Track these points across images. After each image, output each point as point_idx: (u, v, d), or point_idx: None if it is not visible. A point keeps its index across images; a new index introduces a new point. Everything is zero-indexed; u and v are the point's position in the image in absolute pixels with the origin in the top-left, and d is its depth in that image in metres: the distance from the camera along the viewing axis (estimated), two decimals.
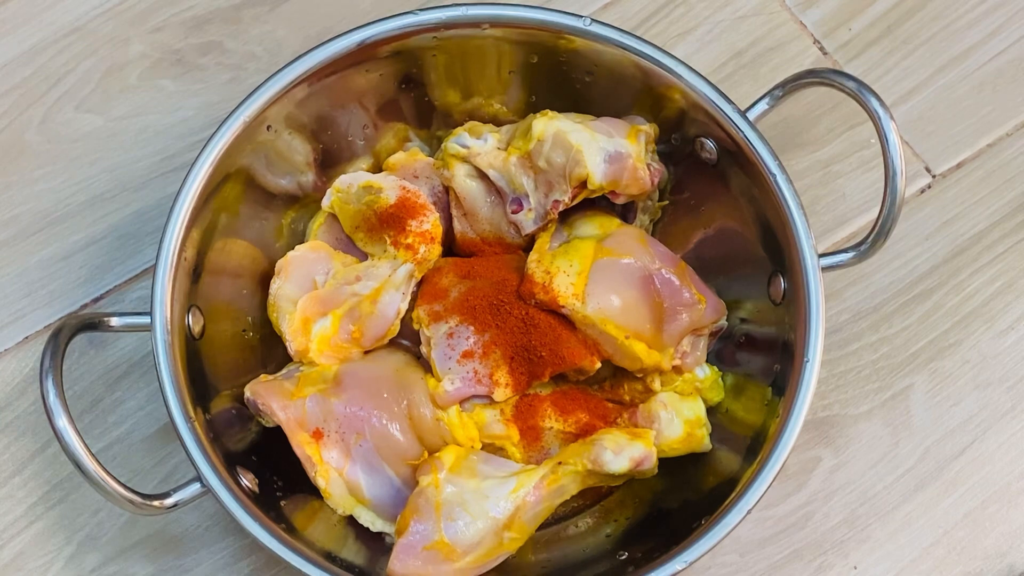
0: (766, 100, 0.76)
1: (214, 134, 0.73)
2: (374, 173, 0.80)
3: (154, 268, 0.70)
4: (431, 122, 0.82)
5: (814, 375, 0.70)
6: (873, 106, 0.72)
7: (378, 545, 0.74)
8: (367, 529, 0.74)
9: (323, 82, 0.75)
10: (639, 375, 0.76)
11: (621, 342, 0.73)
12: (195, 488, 0.68)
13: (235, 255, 0.77)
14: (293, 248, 0.78)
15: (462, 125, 0.79)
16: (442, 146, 0.78)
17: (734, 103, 0.75)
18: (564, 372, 0.74)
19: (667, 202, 0.81)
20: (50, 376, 0.66)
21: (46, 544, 0.78)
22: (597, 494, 0.77)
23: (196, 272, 0.73)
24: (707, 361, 0.78)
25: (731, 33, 0.90)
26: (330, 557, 0.69)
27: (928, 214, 0.86)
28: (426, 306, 0.75)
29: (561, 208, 0.75)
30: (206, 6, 0.90)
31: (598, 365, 0.74)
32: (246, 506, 0.68)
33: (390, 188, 0.77)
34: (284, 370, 0.76)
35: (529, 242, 0.78)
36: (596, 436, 0.73)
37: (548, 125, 0.75)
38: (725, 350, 0.79)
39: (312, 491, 0.74)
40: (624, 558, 0.72)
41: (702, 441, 0.76)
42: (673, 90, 0.76)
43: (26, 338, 0.82)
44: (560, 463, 0.71)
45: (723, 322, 0.78)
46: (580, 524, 0.77)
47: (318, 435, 0.72)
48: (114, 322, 0.71)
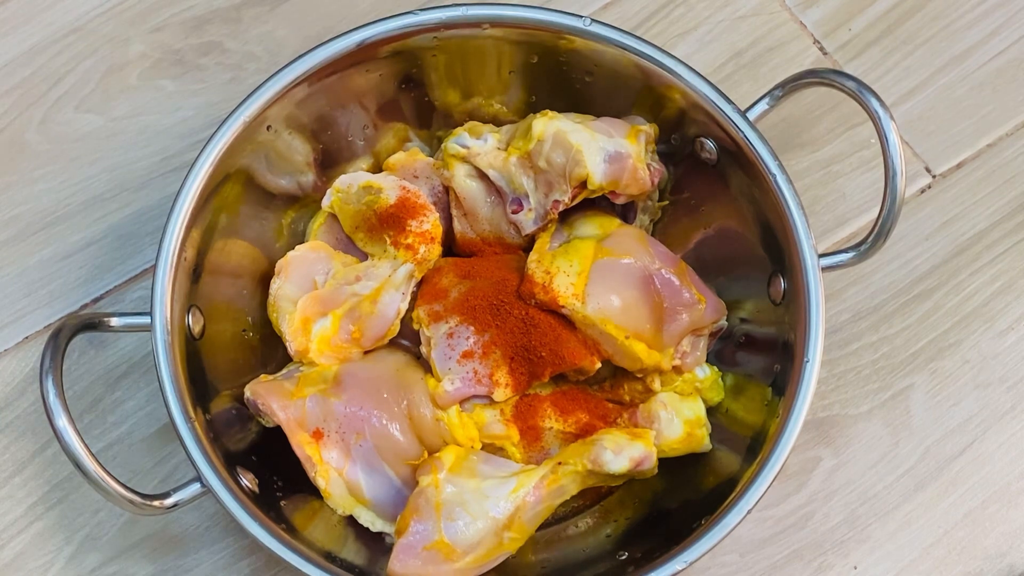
0: (766, 100, 0.76)
1: (214, 134, 0.73)
2: (374, 173, 0.80)
3: (154, 268, 0.70)
4: (431, 122, 0.82)
5: (814, 375, 0.70)
6: (873, 106, 0.72)
7: (378, 545, 0.74)
8: (367, 529, 0.74)
9: (323, 82, 0.75)
10: (639, 375, 0.76)
11: (621, 342, 0.73)
12: (195, 488, 0.68)
13: (235, 255, 0.77)
14: (293, 248, 0.78)
15: (462, 125, 0.79)
16: (442, 146, 0.78)
17: (734, 103, 0.75)
18: (564, 372, 0.74)
19: (667, 202, 0.81)
20: (50, 376, 0.66)
21: (46, 544, 0.78)
22: (597, 494, 0.77)
23: (196, 272, 0.73)
24: (707, 361, 0.78)
25: (731, 33, 0.90)
26: (330, 557, 0.69)
27: (928, 214, 0.86)
28: (426, 306, 0.75)
29: (561, 208, 0.75)
30: (206, 6, 0.90)
31: (598, 365, 0.74)
32: (246, 506, 0.68)
33: (390, 188, 0.77)
34: (284, 370, 0.76)
35: (529, 242, 0.78)
36: (596, 436, 0.73)
37: (548, 125, 0.75)
38: (725, 350, 0.79)
39: (312, 491, 0.74)
40: (624, 558, 0.72)
41: (702, 441, 0.76)
42: (673, 90, 0.76)
43: (26, 338, 0.82)
44: (560, 463, 0.71)
45: (723, 322, 0.78)
46: (580, 524, 0.77)
47: (318, 435, 0.72)
48: (114, 322, 0.71)
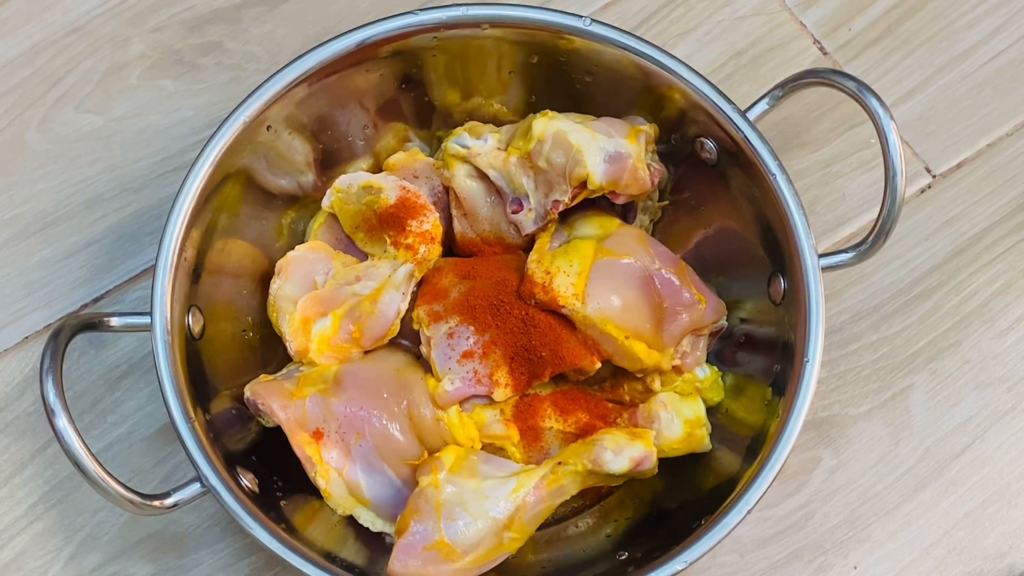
0: (766, 100, 0.76)
1: (214, 134, 0.73)
2: (374, 173, 0.80)
3: (154, 268, 0.70)
4: (431, 122, 0.82)
5: (814, 375, 0.70)
6: (873, 106, 0.72)
7: (378, 545, 0.74)
8: (367, 529, 0.74)
9: (323, 82, 0.75)
10: (639, 375, 0.76)
11: (621, 342, 0.73)
12: (195, 488, 0.68)
13: (235, 255, 0.77)
14: (293, 248, 0.78)
15: (462, 125, 0.79)
16: (442, 146, 0.78)
17: (734, 103, 0.74)
18: (564, 372, 0.74)
19: (667, 202, 0.81)
20: (50, 376, 0.66)
21: (46, 544, 0.78)
22: (597, 494, 0.77)
23: (196, 272, 0.73)
24: (707, 361, 0.78)
25: (731, 33, 0.90)
26: (330, 557, 0.69)
27: (928, 214, 0.86)
28: (426, 306, 0.75)
29: (561, 208, 0.75)
30: (206, 6, 0.90)
31: (598, 365, 0.74)
32: (246, 506, 0.68)
33: (390, 188, 0.77)
34: (284, 370, 0.76)
35: (529, 242, 0.78)
36: (596, 436, 0.73)
37: (548, 125, 0.75)
38: (725, 350, 0.79)
39: (312, 491, 0.74)
40: (624, 558, 0.72)
41: (702, 441, 0.76)
42: (673, 90, 0.76)
43: (26, 338, 0.82)
44: (560, 463, 0.71)
45: (723, 322, 0.78)
46: (580, 524, 0.77)
47: (318, 435, 0.72)
48: (114, 322, 0.71)
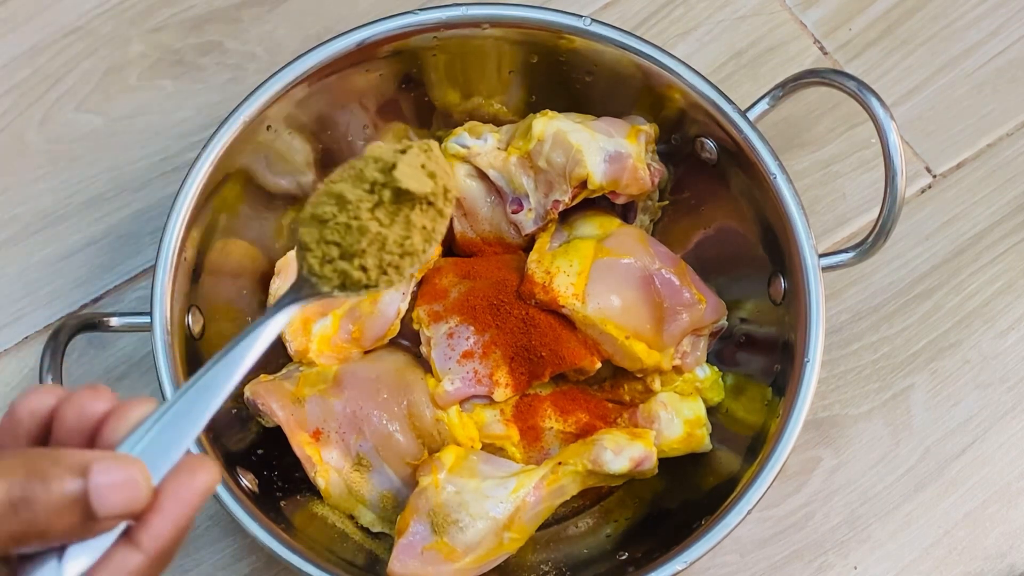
0: (766, 100, 0.76)
1: (214, 134, 0.73)
2: None
3: (154, 268, 0.70)
4: (431, 122, 0.82)
5: (814, 375, 0.70)
6: (873, 106, 0.72)
7: (378, 545, 0.74)
8: (367, 529, 0.74)
9: (323, 82, 0.75)
10: (639, 375, 0.76)
11: (621, 342, 0.73)
12: None
13: (235, 255, 0.77)
14: (293, 248, 0.78)
15: (462, 125, 0.79)
16: (442, 146, 0.78)
17: (734, 103, 0.74)
18: (564, 372, 0.74)
19: (667, 202, 0.81)
20: (50, 376, 0.66)
21: None
22: (597, 494, 0.77)
23: (196, 272, 0.73)
24: (707, 361, 0.78)
25: (731, 33, 0.90)
26: (330, 557, 0.69)
27: (928, 214, 0.86)
28: (426, 306, 0.75)
29: (561, 208, 0.75)
30: (206, 6, 0.90)
31: (598, 365, 0.74)
32: (246, 506, 0.68)
33: None
34: (284, 370, 0.76)
35: (529, 242, 0.78)
36: (596, 436, 0.73)
37: (548, 125, 0.75)
38: (725, 350, 0.79)
39: (312, 491, 0.74)
40: (624, 558, 0.72)
41: (702, 441, 0.76)
42: (673, 90, 0.76)
43: (26, 338, 0.82)
44: (560, 463, 0.71)
45: (723, 322, 0.78)
46: (580, 524, 0.77)
47: (318, 435, 0.72)
48: (114, 322, 0.71)
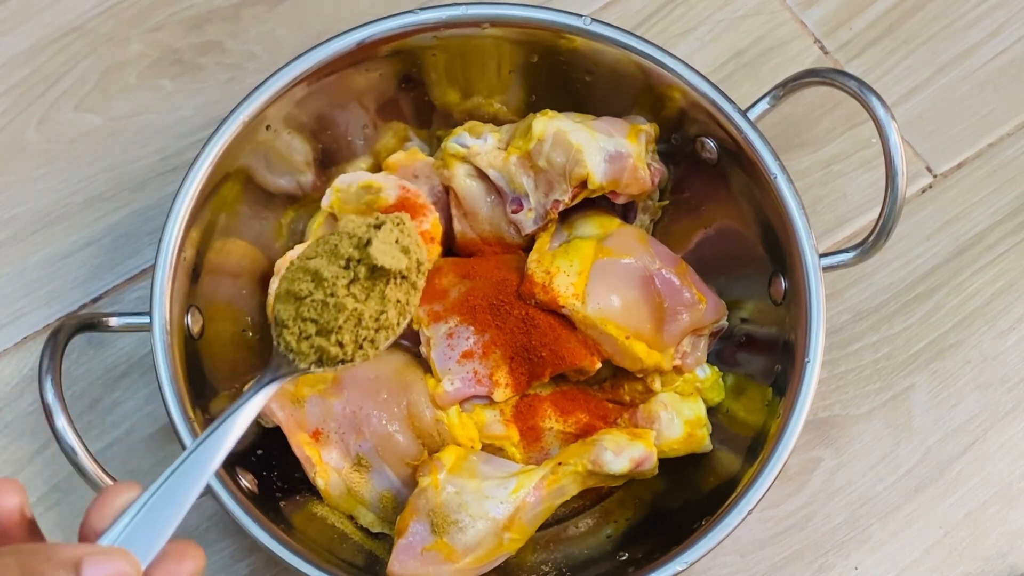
0: (767, 100, 0.76)
1: (213, 134, 0.72)
2: (374, 173, 0.80)
3: (153, 268, 0.70)
4: (431, 122, 0.82)
5: (815, 375, 0.70)
6: (874, 106, 0.72)
7: (378, 545, 0.74)
8: (367, 529, 0.74)
9: (322, 82, 0.75)
10: (639, 375, 0.76)
11: (621, 342, 0.73)
12: None
13: (234, 255, 0.76)
14: (293, 248, 0.78)
15: (462, 125, 0.79)
16: (442, 146, 0.78)
17: (734, 103, 0.74)
18: (564, 372, 0.74)
19: (667, 202, 0.81)
20: (49, 376, 0.66)
21: None
22: (597, 495, 0.77)
23: (195, 272, 0.73)
24: (707, 361, 0.78)
25: (731, 33, 0.90)
26: (330, 557, 0.69)
27: (929, 214, 0.86)
28: (426, 306, 0.75)
29: (561, 208, 0.75)
30: (205, 6, 0.90)
31: (598, 365, 0.74)
32: (246, 506, 0.68)
33: (390, 188, 0.76)
34: None
35: (529, 242, 0.77)
36: (596, 436, 0.73)
37: (548, 125, 0.75)
38: (726, 350, 0.79)
39: (312, 491, 0.73)
40: (624, 559, 0.72)
41: (702, 441, 0.75)
42: (673, 90, 0.75)
43: (25, 338, 0.82)
44: (560, 463, 0.71)
45: (724, 322, 0.78)
46: (580, 524, 0.77)
47: (317, 435, 0.72)
48: (113, 322, 0.71)
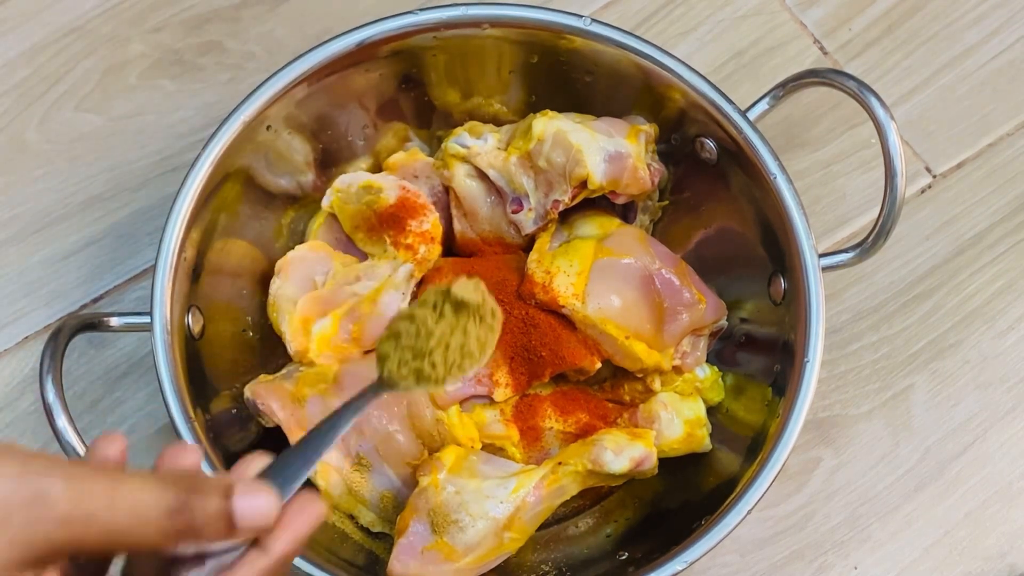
0: (766, 100, 0.76)
1: (214, 134, 0.72)
2: (374, 173, 0.80)
3: (154, 268, 0.70)
4: (431, 122, 0.82)
5: (814, 375, 0.70)
6: (873, 106, 0.72)
7: (378, 545, 0.74)
8: (367, 529, 0.74)
9: (323, 82, 0.75)
10: (639, 375, 0.76)
11: (621, 342, 0.73)
12: None
13: (235, 255, 0.76)
14: (293, 248, 0.78)
15: (462, 125, 0.79)
16: (442, 146, 0.78)
17: (734, 103, 0.74)
18: (564, 372, 0.74)
19: (667, 202, 0.81)
20: (50, 376, 0.66)
21: None
22: (597, 494, 0.77)
23: (196, 272, 0.73)
24: (707, 361, 0.78)
25: (731, 33, 0.90)
26: (330, 557, 0.69)
27: (928, 214, 0.86)
28: None
29: (561, 208, 0.75)
30: (206, 6, 0.90)
31: (598, 365, 0.74)
32: None
33: (390, 188, 0.77)
34: (284, 370, 0.76)
35: (529, 242, 0.77)
36: (596, 436, 0.73)
37: (548, 125, 0.75)
38: (725, 350, 0.79)
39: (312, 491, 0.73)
40: (624, 558, 0.72)
41: (702, 441, 0.76)
42: (673, 90, 0.76)
43: (26, 338, 0.82)
44: (560, 463, 0.71)
45: (723, 322, 0.78)
46: (580, 524, 0.77)
47: None
48: (114, 322, 0.71)
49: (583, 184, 0.74)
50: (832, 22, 0.91)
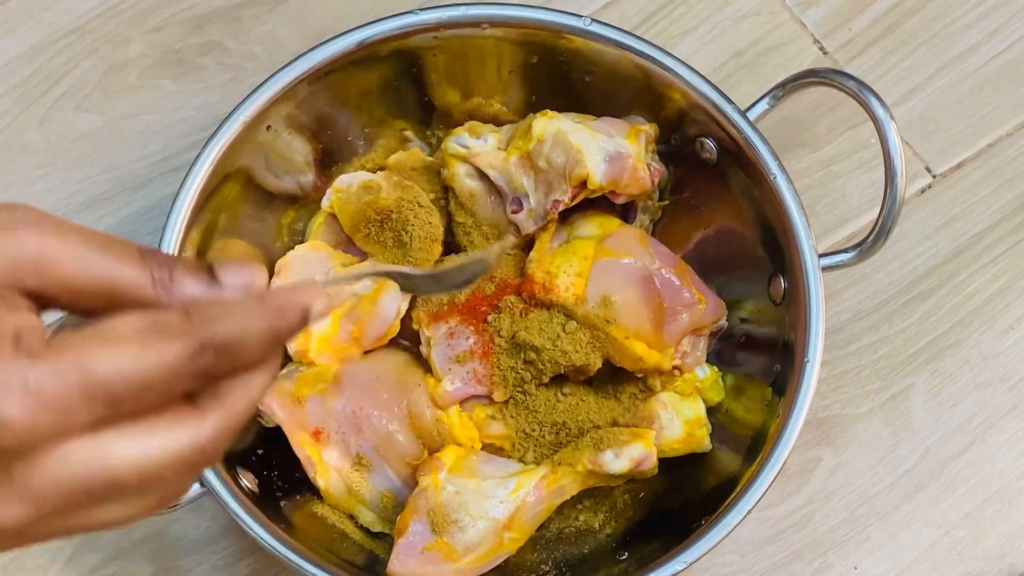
0: (766, 100, 0.76)
1: (214, 134, 0.73)
2: (374, 173, 0.80)
3: None
4: (431, 122, 0.82)
5: (814, 375, 0.70)
6: (873, 106, 0.72)
7: (378, 545, 0.74)
8: (367, 529, 0.74)
9: (323, 82, 0.75)
10: (639, 375, 0.76)
11: (621, 342, 0.73)
12: (195, 488, 0.68)
13: (235, 255, 0.76)
14: (293, 248, 0.78)
15: (462, 125, 0.79)
16: (442, 146, 0.78)
17: (734, 103, 0.74)
18: (564, 372, 0.74)
19: (667, 202, 0.81)
20: None
21: (46, 544, 0.77)
22: (597, 494, 0.77)
23: None
24: (707, 361, 0.78)
25: (731, 33, 0.90)
26: (330, 557, 0.69)
27: (928, 214, 0.86)
28: (426, 306, 0.75)
29: (561, 208, 0.75)
30: (206, 6, 0.90)
31: (598, 365, 0.74)
32: (246, 506, 0.68)
33: (390, 188, 0.77)
34: (284, 370, 0.76)
35: (529, 242, 0.77)
36: (596, 436, 0.73)
37: (548, 125, 0.75)
38: (725, 350, 0.79)
39: (312, 491, 0.73)
40: (624, 558, 0.72)
41: (702, 441, 0.76)
42: (673, 90, 0.76)
43: None
44: (560, 463, 0.71)
45: (723, 322, 0.78)
46: (580, 524, 0.77)
47: (318, 435, 0.72)
48: None
49: (583, 184, 0.74)
50: (832, 22, 0.91)
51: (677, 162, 0.80)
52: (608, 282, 0.73)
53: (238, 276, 0.44)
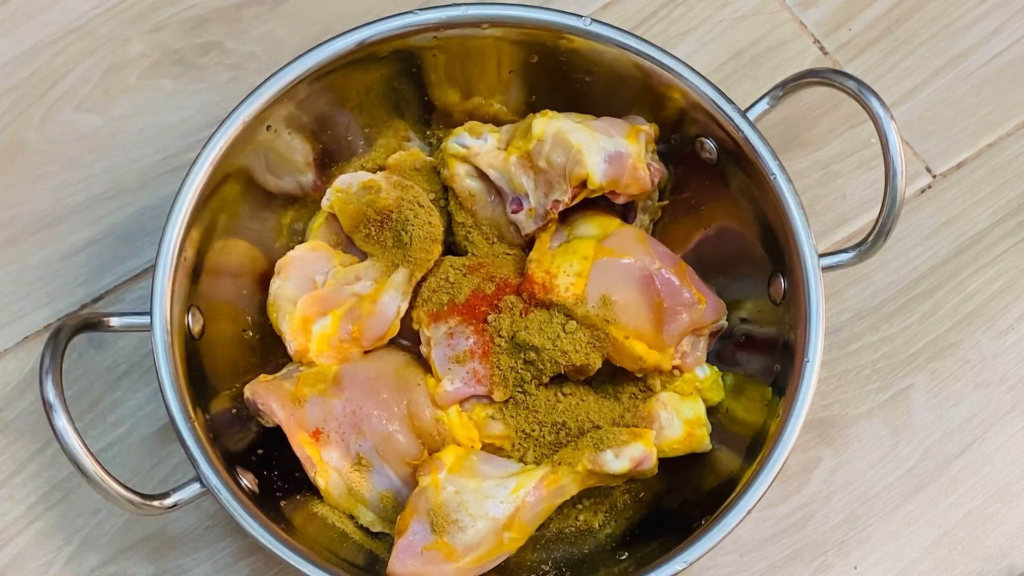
0: (766, 100, 0.76)
1: (214, 134, 0.73)
2: (374, 173, 0.80)
3: (154, 268, 0.70)
4: (431, 122, 0.82)
5: (814, 375, 0.70)
6: (873, 106, 0.72)
7: (378, 545, 0.74)
8: (367, 529, 0.74)
9: (323, 82, 0.75)
10: (639, 375, 0.76)
11: (621, 342, 0.73)
12: (195, 488, 0.68)
13: (235, 255, 0.77)
14: (293, 248, 0.78)
15: (462, 125, 0.79)
16: (442, 146, 0.78)
17: (734, 103, 0.74)
18: (564, 372, 0.74)
19: (667, 202, 0.81)
20: (50, 376, 0.66)
21: (46, 544, 0.78)
22: (597, 494, 0.77)
23: (196, 272, 0.73)
24: (707, 361, 0.78)
25: (731, 33, 0.90)
26: (330, 557, 0.69)
27: (928, 214, 0.86)
28: (426, 306, 0.75)
29: (561, 208, 0.75)
30: (206, 6, 0.90)
31: (598, 365, 0.74)
32: (246, 506, 0.68)
33: (390, 188, 0.76)
34: (284, 370, 0.76)
35: (529, 242, 0.78)
36: (596, 436, 0.73)
37: (548, 125, 0.75)
38: (725, 350, 0.79)
39: (312, 491, 0.74)
40: (624, 558, 0.72)
41: (702, 441, 0.76)
42: (673, 90, 0.76)
43: (26, 338, 0.82)
44: (560, 463, 0.71)
45: (723, 322, 0.78)
46: (580, 524, 0.77)
47: (318, 435, 0.72)
48: (114, 322, 0.71)
49: (583, 184, 0.74)
50: (832, 22, 0.91)
51: (677, 162, 0.80)
52: (608, 282, 0.73)
53: None
